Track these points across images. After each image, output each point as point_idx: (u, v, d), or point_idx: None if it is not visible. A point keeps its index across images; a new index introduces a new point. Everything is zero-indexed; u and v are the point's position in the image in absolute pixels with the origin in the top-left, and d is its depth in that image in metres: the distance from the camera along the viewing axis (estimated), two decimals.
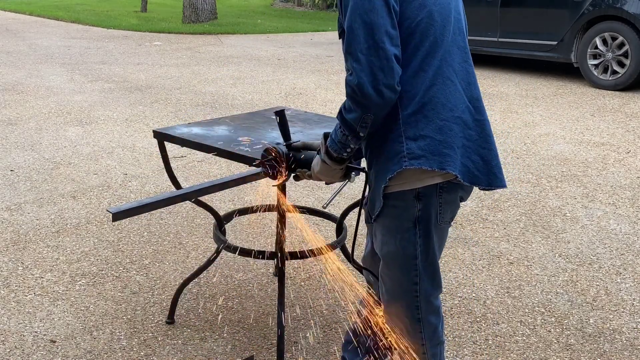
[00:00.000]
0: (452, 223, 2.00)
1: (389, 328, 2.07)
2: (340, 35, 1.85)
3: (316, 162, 1.95)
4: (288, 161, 2.02)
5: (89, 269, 3.31)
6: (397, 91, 1.72)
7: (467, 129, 1.82)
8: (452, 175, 1.80)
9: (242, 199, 4.27)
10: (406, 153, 1.77)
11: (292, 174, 2.07)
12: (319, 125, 2.81)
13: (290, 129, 2.38)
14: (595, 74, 7.68)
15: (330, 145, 1.86)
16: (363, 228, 2.15)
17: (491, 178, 1.86)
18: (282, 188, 2.37)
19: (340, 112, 1.79)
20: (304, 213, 3.12)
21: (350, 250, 3.05)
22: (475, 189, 1.97)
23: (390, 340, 2.10)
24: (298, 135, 2.61)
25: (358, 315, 2.34)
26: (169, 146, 2.75)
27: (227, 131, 2.61)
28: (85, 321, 2.85)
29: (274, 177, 2.05)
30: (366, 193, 1.96)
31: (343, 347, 2.41)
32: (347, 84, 1.73)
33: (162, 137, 2.62)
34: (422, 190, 1.83)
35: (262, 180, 2.15)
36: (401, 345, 2.06)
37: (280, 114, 2.07)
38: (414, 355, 2.04)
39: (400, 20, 1.74)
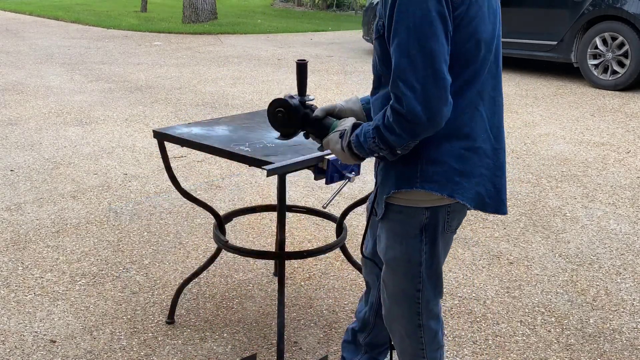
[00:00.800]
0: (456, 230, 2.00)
1: (388, 331, 2.07)
2: (378, 37, 1.75)
3: (335, 141, 1.86)
4: (297, 114, 1.94)
5: (89, 269, 3.31)
6: (445, 118, 1.66)
7: (486, 157, 1.80)
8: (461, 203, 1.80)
9: (242, 199, 4.27)
10: (419, 174, 1.76)
11: (302, 131, 1.99)
12: None
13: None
14: (595, 74, 7.68)
15: (355, 145, 1.79)
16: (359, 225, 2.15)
17: (499, 205, 1.86)
18: (282, 184, 2.37)
19: (378, 129, 1.71)
20: (304, 213, 3.12)
21: (348, 250, 3.05)
22: None
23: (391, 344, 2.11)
24: (298, 135, 2.60)
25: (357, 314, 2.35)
26: (169, 146, 2.75)
27: (227, 131, 2.61)
28: (85, 321, 2.85)
29: (282, 131, 1.98)
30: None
31: (342, 346, 2.42)
32: (396, 111, 1.64)
33: (162, 137, 2.62)
34: (430, 206, 1.82)
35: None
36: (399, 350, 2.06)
37: (302, 65, 1.99)
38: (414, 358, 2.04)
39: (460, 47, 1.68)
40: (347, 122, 1.87)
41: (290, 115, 1.95)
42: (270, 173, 2.17)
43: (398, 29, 1.63)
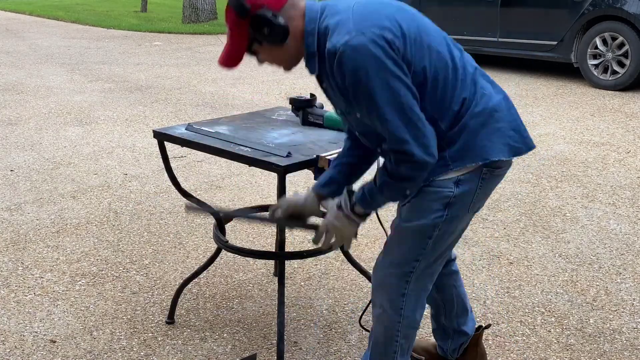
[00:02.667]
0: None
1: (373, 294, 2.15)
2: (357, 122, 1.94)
3: (336, 217, 2.03)
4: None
5: (89, 269, 3.31)
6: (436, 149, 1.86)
7: (495, 112, 1.94)
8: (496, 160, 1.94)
9: (242, 199, 4.27)
10: (448, 157, 1.91)
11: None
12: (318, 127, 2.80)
13: (287, 130, 2.44)
14: (595, 74, 7.68)
15: (363, 203, 1.98)
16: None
17: (527, 143, 2.00)
18: (282, 184, 2.38)
19: (388, 184, 1.90)
20: None
21: (349, 252, 3.05)
22: None
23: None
24: (298, 135, 2.61)
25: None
26: (169, 146, 2.75)
27: (227, 131, 2.61)
28: (85, 321, 2.85)
29: None
30: None
31: (433, 334, 2.53)
32: (404, 161, 1.83)
33: (162, 137, 2.62)
34: (463, 177, 1.94)
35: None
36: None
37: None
38: (389, 330, 2.11)
39: (419, 75, 1.84)
40: (335, 200, 2.06)
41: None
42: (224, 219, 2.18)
43: (368, 101, 1.81)
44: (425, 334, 2.75)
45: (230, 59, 1.93)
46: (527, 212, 4.11)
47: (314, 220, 2.22)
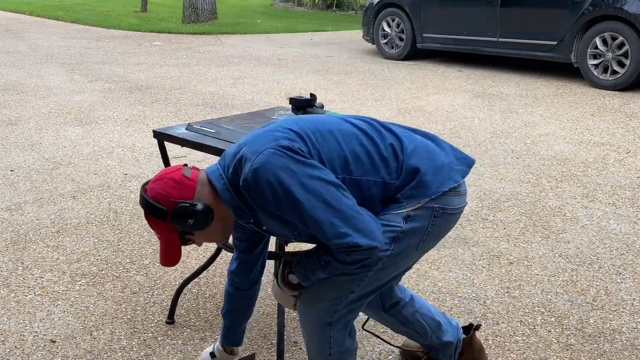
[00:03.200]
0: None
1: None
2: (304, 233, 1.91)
3: (272, 288, 2.10)
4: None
5: (89, 269, 3.31)
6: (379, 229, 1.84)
7: (427, 147, 1.97)
8: (454, 186, 1.95)
9: None
10: (403, 199, 1.92)
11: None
12: None
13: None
14: (595, 74, 7.68)
15: (304, 280, 1.98)
16: None
17: (468, 161, 2.03)
18: None
19: (331, 265, 1.89)
20: None
21: None
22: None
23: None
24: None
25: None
26: (169, 146, 2.75)
27: (227, 131, 2.61)
28: (85, 321, 2.85)
29: None
30: None
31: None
32: (353, 252, 1.80)
33: (162, 137, 2.63)
34: (413, 214, 1.92)
35: None
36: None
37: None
38: (322, 351, 2.08)
39: (338, 160, 1.87)
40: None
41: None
42: None
43: (295, 209, 1.79)
44: None
45: (169, 259, 1.92)
46: (527, 212, 4.11)
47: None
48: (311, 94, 2.74)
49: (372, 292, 2.03)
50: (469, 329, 2.50)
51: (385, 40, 9.74)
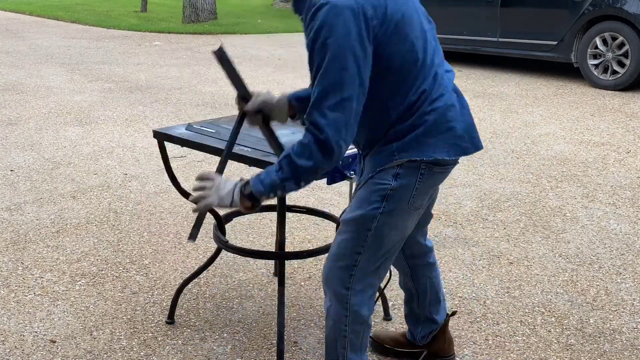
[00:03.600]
0: (432, 213, 2.22)
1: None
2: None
3: (226, 180, 1.99)
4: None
5: (89, 269, 3.31)
6: (347, 147, 1.86)
7: (448, 112, 1.97)
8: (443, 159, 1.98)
9: None
10: (395, 149, 1.96)
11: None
12: None
13: (287, 130, 2.45)
14: (595, 74, 7.68)
15: (254, 185, 1.91)
16: None
17: (476, 143, 2.04)
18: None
19: (288, 157, 1.86)
20: (304, 213, 3.11)
21: None
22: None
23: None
24: (298, 135, 2.60)
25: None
26: (169, 146, 2.75)
27: (227, 131, 2.61)
28: (85, 321, 2.85)
29: None
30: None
31: (405, 320, 2.58)
32: (310, 136, 1.82)
33: (162, 137, 2.62)
34: (402, 171, 1.97)
35: None
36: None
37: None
38: (337, 324, 2.13)
39: (385, 60, 1.87)
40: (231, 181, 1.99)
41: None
42: None
43: (319, 58, 1.81)
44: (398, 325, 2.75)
45: None
46: (527, 212, 4.11)
47: (282, 140, 2.24)
48: None
49: (380, 258, 2.07)
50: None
51: None
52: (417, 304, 2.49)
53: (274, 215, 3.91)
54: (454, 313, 2.57)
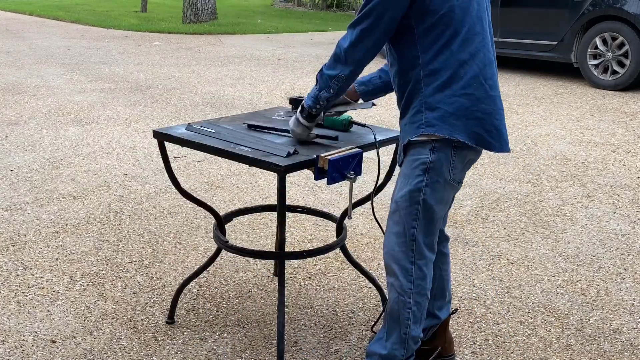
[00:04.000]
0: (460, 187, 2.27)
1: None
2: None
3: (291, 120, 2.39)
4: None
5: (89, 269, 3.31)
6: (361, 68, 2.15)
7: (480, 103, 2.10)
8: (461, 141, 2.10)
9: (242, 199, 4.27)
10: (424, 121, 2.11)
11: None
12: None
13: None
14: (595, 74, 7.68)
15: (305, 102, 2.29)
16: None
17: (503, 144, 2.17)
18: (282, 183, 2.39)
19: (320, 70, 2.21)
20: (304, 213, 3.11)
21: (348, 250, 3.05)
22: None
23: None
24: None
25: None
26: (169, 146, 2.75)
27: (227, 131, 2.61)
28: (85, 321, 2.85)
29: None
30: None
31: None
32: (336, 49, 2.15)
33: (162, 137, 2.62)
34: (437, 145, 2.11)
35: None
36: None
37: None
38: (402, 297, 2.23)
39: (425, 11, 2.04)
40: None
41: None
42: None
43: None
44: None
45: None
46: (527, 212, 4.11)
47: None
48: None
49: (431, 229, 2.21)
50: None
51: None
52: None
53: (274, 215, 3.91)
54: (454, 311, 2.59)
